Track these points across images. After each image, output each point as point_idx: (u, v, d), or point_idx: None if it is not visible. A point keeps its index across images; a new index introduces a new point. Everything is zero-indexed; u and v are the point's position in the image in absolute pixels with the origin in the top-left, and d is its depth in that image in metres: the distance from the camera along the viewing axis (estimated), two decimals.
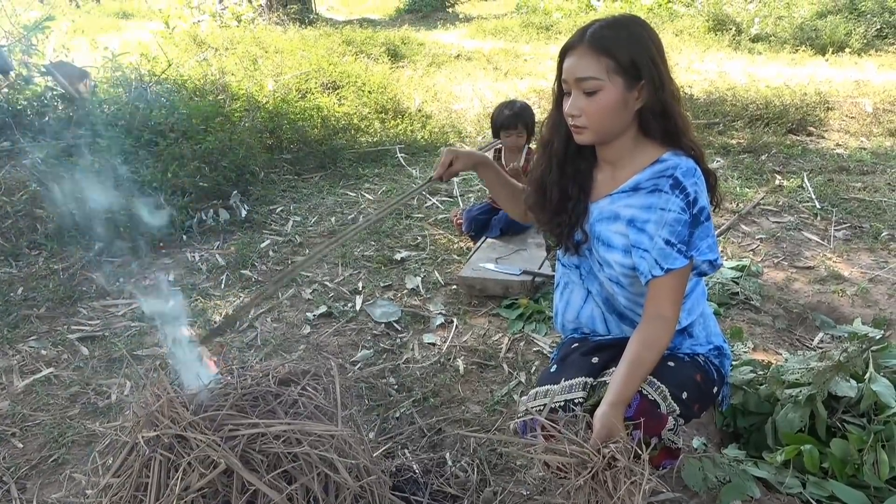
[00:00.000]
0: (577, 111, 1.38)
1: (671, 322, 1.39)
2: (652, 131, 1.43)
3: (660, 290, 1.39)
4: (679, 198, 1.37)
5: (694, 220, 1.38)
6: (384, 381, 2.31)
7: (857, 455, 1.69)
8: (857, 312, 2.67)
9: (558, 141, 1.50)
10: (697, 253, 1.39)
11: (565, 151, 1.50)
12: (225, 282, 3.09)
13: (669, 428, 1.39)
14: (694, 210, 1.38)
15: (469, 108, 6.23)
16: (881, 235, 3.38)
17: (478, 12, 14.55)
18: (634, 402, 1.37)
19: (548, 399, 1.45)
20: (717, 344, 1.59)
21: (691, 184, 1.38)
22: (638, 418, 1.36)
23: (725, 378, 1.61)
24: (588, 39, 1.35)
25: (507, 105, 3.22)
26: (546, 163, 1.53)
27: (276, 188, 4.29)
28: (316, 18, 12.15)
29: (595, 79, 1.34)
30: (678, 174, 1.38)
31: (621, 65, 1.34)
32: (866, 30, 8.46)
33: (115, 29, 11.01)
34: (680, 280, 1.39)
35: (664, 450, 1.41)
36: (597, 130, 1.40)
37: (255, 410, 1.39)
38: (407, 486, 1.75)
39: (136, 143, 4.02)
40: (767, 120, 5.33)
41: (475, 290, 2.88)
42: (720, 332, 1.64)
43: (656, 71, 1.36)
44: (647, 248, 1.40)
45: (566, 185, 1.51)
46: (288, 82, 5.76)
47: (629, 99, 1.37)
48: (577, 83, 1.36)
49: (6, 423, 2.13)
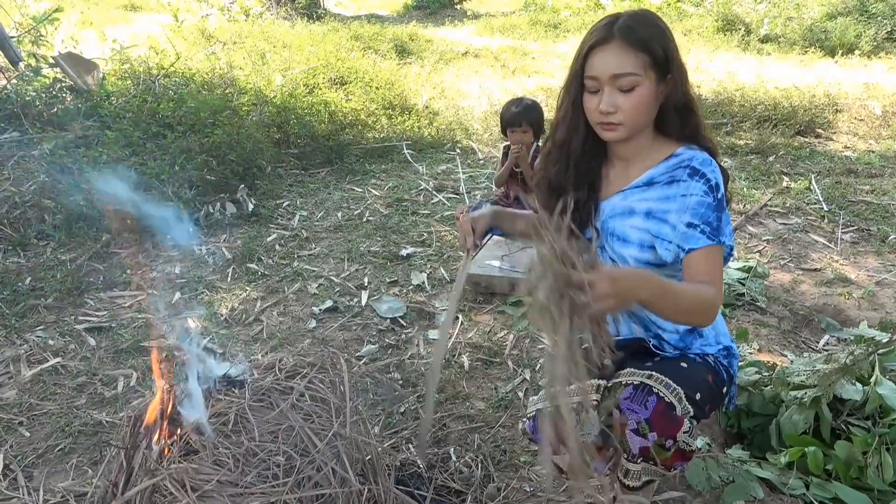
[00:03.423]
0: (613, 108, 1.35)
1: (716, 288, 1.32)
2: (669, 126, 1.42)
3: (692, 266, 1.34)
4: (700, 182, 1.36)
5: (719, 205, 1.36)
6: (389, 376, 2.32)
7: (861, 457, 1.69)
8: (864, 315, 2.66)
9: (576, 140, 1.47)
10: (724, 237, 1.35)
11: (582, 150, 1.48)
12: (231, 275, 3.10)
13: (685, 430, 1.37)
14: (717, 194, 1.36)
15: (476, 106, 6.22)
16: (889, 239, 3.37)
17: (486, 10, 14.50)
18: (651, 403, 1.35)
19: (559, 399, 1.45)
20: (726, 344, 1.58)
21: (710, 171, 1.37)
22: (654, 420, 1.35)
23: (734, 378, 1.60)
24: (620, 35, 1.33)
25: (515, 102, 3.21)
26: (564, 163, 1.50)
27: (283, 183, 4.30)
28: (324, 13, 12.13)
29: (634, 74, 1.32)
30: (695, 164, 1.38)
31: (656, 59, 1.33)
32: (876, 32, 8.40)
33: (124, 21, 11.02)
34: (711, 257, 1.34)
35: (677, 451, 1.40)
36: (632, 126, 1.38)
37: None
38: (411, 481, 1.76)
39: (144, 135, 4.03)
40: (776, 121, 5.31)
41: (481, 287, 2.89)
42: (728, 331, 1.64)
43: (680, 64, 1.36)
44: (671, 239, 1.38)
45: (579, 185, 1.50)
46: (296, 77, 5.76)
47: (659, 93, 1.37)
48: (613, 80, 1.34)
49: (13, 412, 2.15)
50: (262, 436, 1.35)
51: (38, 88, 4.54)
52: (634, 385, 1.38)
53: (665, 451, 1.39)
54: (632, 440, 1.38)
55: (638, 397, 1.37)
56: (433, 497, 1.72)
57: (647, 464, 1.43)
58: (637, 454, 1.40)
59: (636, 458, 1.42)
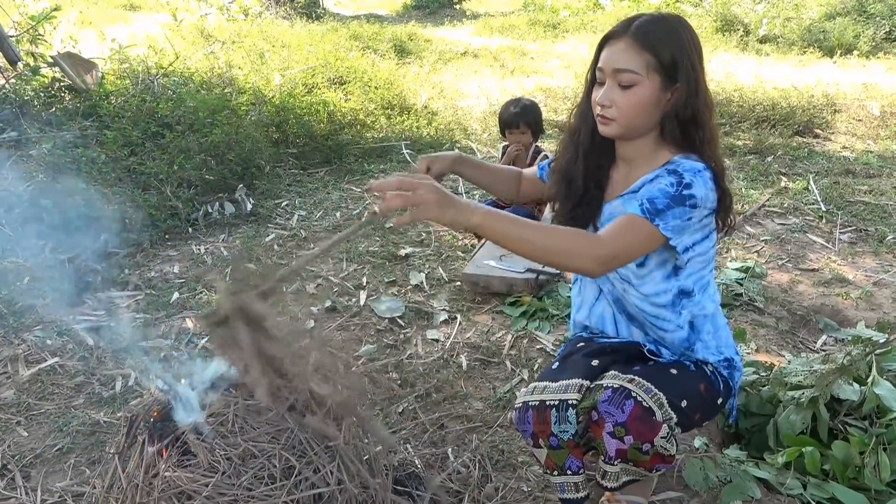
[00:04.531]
0: (609, 102, 1.36)
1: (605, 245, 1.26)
2: (673, 137, 1.40)
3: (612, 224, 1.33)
4: (672, 177, 1.34)
5: (677, 197, 1.32)
6: (387, 376, 2.32)
7: (859, 458, 1.69)
8: (861, 316, 2.66)
9: (585, 130, 1.47)
10: (662, 222, 1.30)
11: (591, 142, 1.48)
12: (230, 274, 3.10)
13: (662, 436, 1.37)
14: (682, 190, 1.32)
15: (475, 106, 6.22)
16: (886, 239, 3.38)
17: (485, 10, 14.51)
18: (628, 407, 1.35)
19: (544, 395, 1.46)
20: (729, 356, 1.56)
21: (689, 174, 1.34)
22: (630, 424, 1.35)
23: (733, 390, 1.58)
24: (633, 32, 1.33)
25: (514, 103, 3.22)
26: (573, 152, 1.51)
27: (282, 182, 4.30)
28: (323, 13, 12.13)
29: (633, 72, 1.32)
30: (678, 168, 1.36)
31: (662, 63, 1.32)
32: (875, 32, 8.42)
33: (123, 20, 11.02)
34: (630, 226, 1.30)
35: (656, 455, 1.40)
36: (624, 125, 1.38)
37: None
38: (409, 481, 1.76)
39: (143, 135, 4.02)
40: (774, 121, 5.32)
41: (479, 287, 2.89)
42: (734, 344, 1.61)
43: (694, 76, 1.34)
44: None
45: (588, 179, 1.50)
46: (294, 77, 5.76)
47: (662, 99, 1.36)
48: (614, 74, 1.34)
49: (11, 412, 2.15)
50: (260, 437, 1.34)
51: (36, 88, 4.54)
52: (614, 388, 1.38)
53: (643, 454, 1.38)
54: (608, 442, 1.38)
55: (616, 400, 1.36)
56: (431, 497, 1.72)
57: (626, 464, 1.43)
58: (613, 456, 1.40)
59: (613, 461, 1.41)
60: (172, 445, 1.34)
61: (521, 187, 1.75)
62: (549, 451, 1.46)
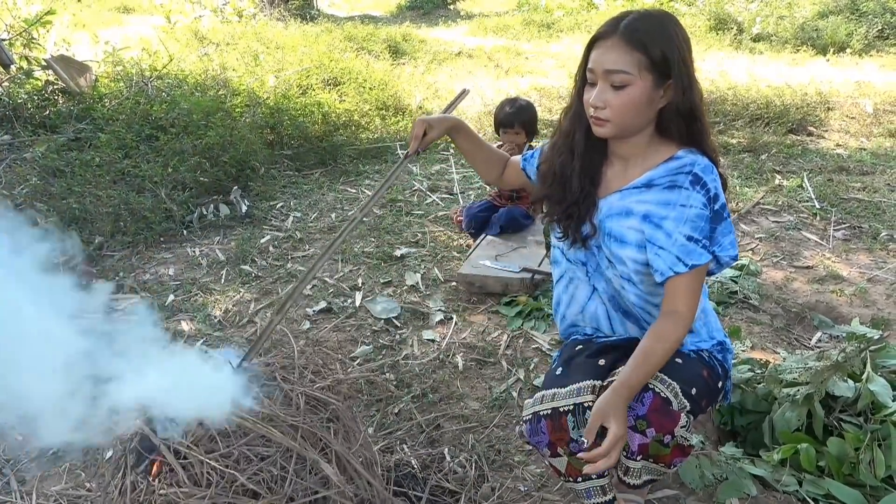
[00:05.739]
0: (602, 103, 1.35)
1: (686, 318, 1.38)
2: (672, 131, 1.41)
3: (677, 287, 1.39)
4: (700, 193, 1.37)
5: (715, 216, 1.39)
6: (383, 376, 2.32)
7: (854, 454, 1.70)
8: (856, 312, 2.67)
9: (579, 132, 1.47)
10: (720, 249, 1.41)
11: (586, 144, 1.47)
12: (225, 277, 3.10)
13: (682, 425, 1.37)
14: (715, 206, 1.39)
15: (470, 106, 6.22)
16: (880, 236, 3.39)
17: (479, 10, 14.53)
18: (647, 399, 1.36)
19: (555, 402, 1.43)
20: (719, 339, 1.59)
21: (711, 180, 1.38)
22: (651, 416, 1.35)
23: (728, 372, 1.61)
24: (622, 32, 1.32)
25: (509, 103, 3.22)
26: (567, 154, 1.51)
27: (277, 184, 4.29)
28: (317, 14, 12.14)
29: (625, 73, 1.32)
30: (697, 170, 1.38)
31: (653, 61, 1.32)
32: (867, 30, 8.46)
33: (117, 23, 10.98)
34: (698, 277, 1.40)
35: (676, 447, 1.40)
36: (619, 125, 1.38)
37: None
38: (405, 482, 1.76)
39: (137, 137, 4.01)
40: (768, 119, 5.33)
41: (475, 287, 2.89)
42: (721, 327, 1.64)
43: (686, 71, 1.35)
44: (664, 246, 1.39)
45: (584, 178, 1.50)
46: (289, 78, 5.75)
47: (655, 97, 1.36)
48: (606, 75, 1.34)
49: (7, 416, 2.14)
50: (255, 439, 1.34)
51: (30, 91, 4.53)
52: None
53: (664, 447, 1.39)
54: (630, 437, 1.38)
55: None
56: (428, 498, 1.72)
57: (647, 462, 1.43)
58: (636, 451, 1.41)
59: (635, 456, 1.42)
60: (162, 462, 1.33)
61: (505, 172, 1.76)
62: (570, 458, 1.45)
